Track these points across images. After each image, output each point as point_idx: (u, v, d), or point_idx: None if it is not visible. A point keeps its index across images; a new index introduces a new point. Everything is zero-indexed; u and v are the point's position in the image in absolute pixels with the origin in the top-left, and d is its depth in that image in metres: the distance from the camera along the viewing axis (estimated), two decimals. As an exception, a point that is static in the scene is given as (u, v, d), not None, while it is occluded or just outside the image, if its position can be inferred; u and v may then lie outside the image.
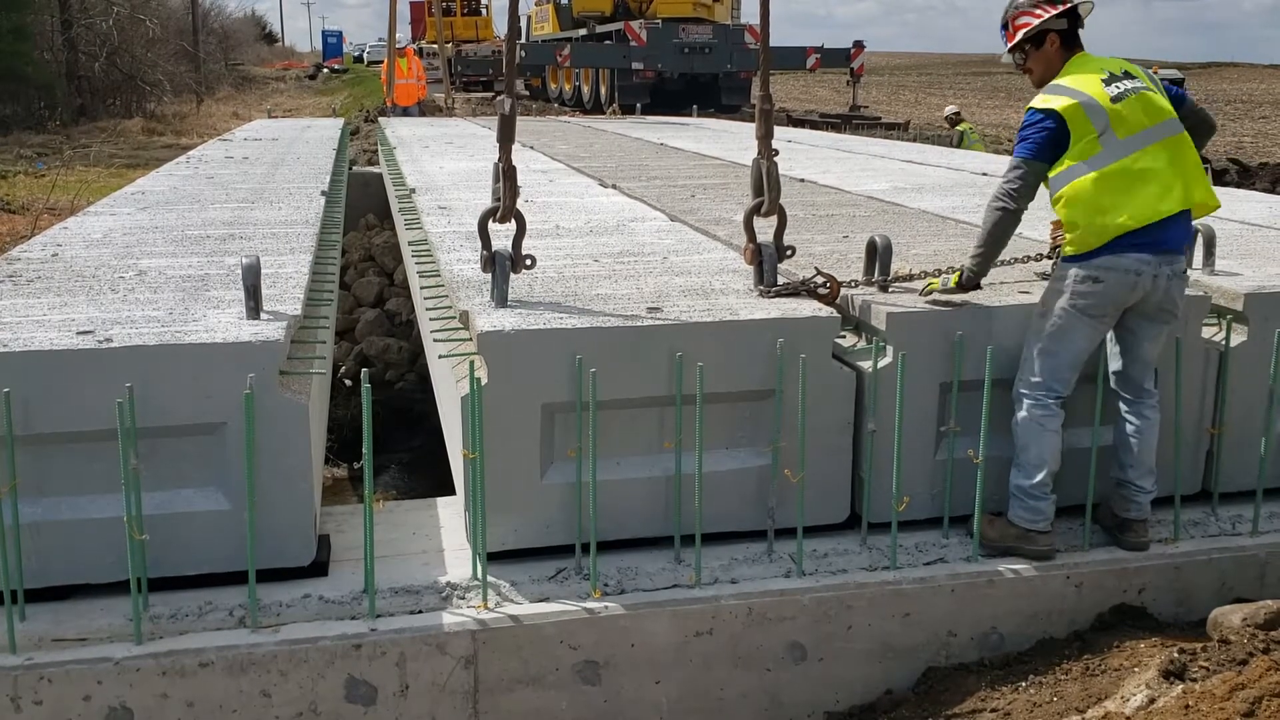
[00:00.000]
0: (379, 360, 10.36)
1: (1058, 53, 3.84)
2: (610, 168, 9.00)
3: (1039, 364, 3.77)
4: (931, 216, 6.20)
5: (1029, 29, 3.83)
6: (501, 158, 3.90)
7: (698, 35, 26.27)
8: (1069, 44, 3.85)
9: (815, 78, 39.71)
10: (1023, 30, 3.84)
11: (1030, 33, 3.83)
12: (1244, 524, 4.17)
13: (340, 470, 9.00)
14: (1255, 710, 2.91)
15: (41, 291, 4.16)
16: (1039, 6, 3.82)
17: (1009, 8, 3.93)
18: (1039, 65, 3.87)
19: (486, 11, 44.20)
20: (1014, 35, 3.88)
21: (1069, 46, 3.85)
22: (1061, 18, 3.81)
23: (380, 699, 3.44)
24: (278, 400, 3.44)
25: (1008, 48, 3.92)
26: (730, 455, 3.82)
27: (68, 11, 32.11)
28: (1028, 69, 3.91)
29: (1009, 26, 3.91)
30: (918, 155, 10.58)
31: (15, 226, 12.80)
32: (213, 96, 43.46)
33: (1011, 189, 3.76)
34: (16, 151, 22.45)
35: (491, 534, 3.62)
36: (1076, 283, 3.70)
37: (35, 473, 3.35)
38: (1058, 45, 3.84)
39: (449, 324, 4.24)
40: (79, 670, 3.25)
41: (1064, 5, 3.81)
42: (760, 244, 4.13)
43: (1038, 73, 3.88)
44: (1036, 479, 3.79)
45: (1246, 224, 5.78)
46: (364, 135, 19.75)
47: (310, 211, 6.25)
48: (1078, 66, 3.80)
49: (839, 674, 3.76)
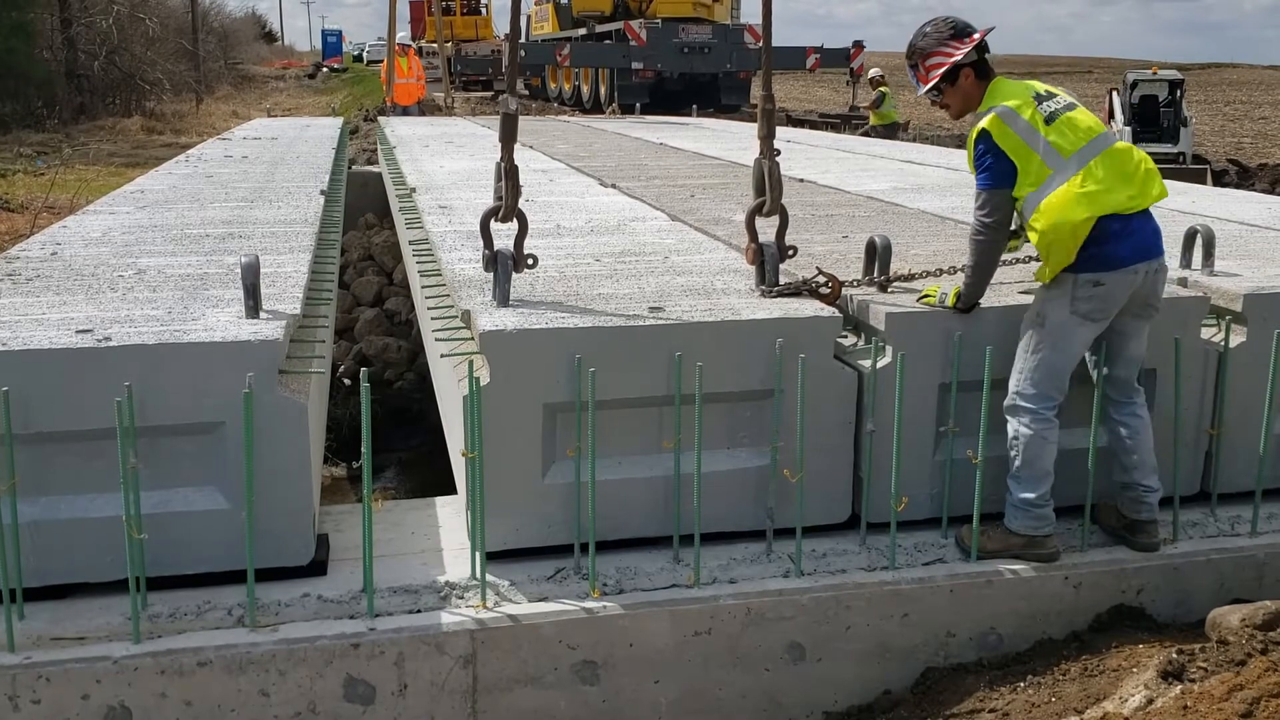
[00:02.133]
0: (378, 359, 10.35)
1: (974, 85, 3.83)
2: (610, 167, 9.00)
3: (1039, 374, 3.75)
4: (931, 216, 6.20)
5: (944, 68, 3.81)
6: (504, 157, 3.90)
7: (697, 35, 26.26)
8: (982, 74, 3.84)
9: (815, 78, 39.69)
10: (938, 70, 3.82)
11: (944, 72, 3.81)
12: (1243, 525, 4.17)
13: (339, 469, 9.00)
14: (1254, 711, 2.91)
15: (40, 290, 4.16)
16: (947, 45, 3.81)
17: (912, 49, 3.90)
18: (956, 100, 3.87)
19: (486, 11, 44.21)
20: (928, 77, 3.85)
21: (982, 76, 3.84)
22: (973, 50, 3.80)
23: (379, 698, 3.44)
24: (277, 399, 3.44)
25: (923, 89, 3.89)
26: (731, 455, 3.82)
27: (67, 10, 32.09)
28: (944, 104, 3.91)
29: (919, 67, 3.88)
30: (917, 155, 10.58)
31: (14, 225, 12.80)
32: (212, 95, 43.43)
33: (985, 220, 3.77)
34: (16, 150, 22.44)
35: (493, 533, 3.62)
36: (1079, 288, 3.69)
37: (34, 472, 3.34)
38: (973, 78, 3.83)
39: (450, 323, 4.24)
40: (77, 669, 3.25)
41: (973, 40, 3.79)
42: (762, 244, 4.13)
43: (955, 107, 3.89)
44: (1040, 491, 3.79)
45: (1246, 225, 5.77)
46: (363, 134, 19.75)
47: (309, 211, 6.25)
48: (1002, 91, 3.78)
49: (837, 674, 3.76)
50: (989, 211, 3.76)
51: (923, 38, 3.87)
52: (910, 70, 3.95)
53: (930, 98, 3.93)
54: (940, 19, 3.90)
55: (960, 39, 3.81)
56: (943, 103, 3.92)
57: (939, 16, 3.93)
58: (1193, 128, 19.93)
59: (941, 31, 3.84)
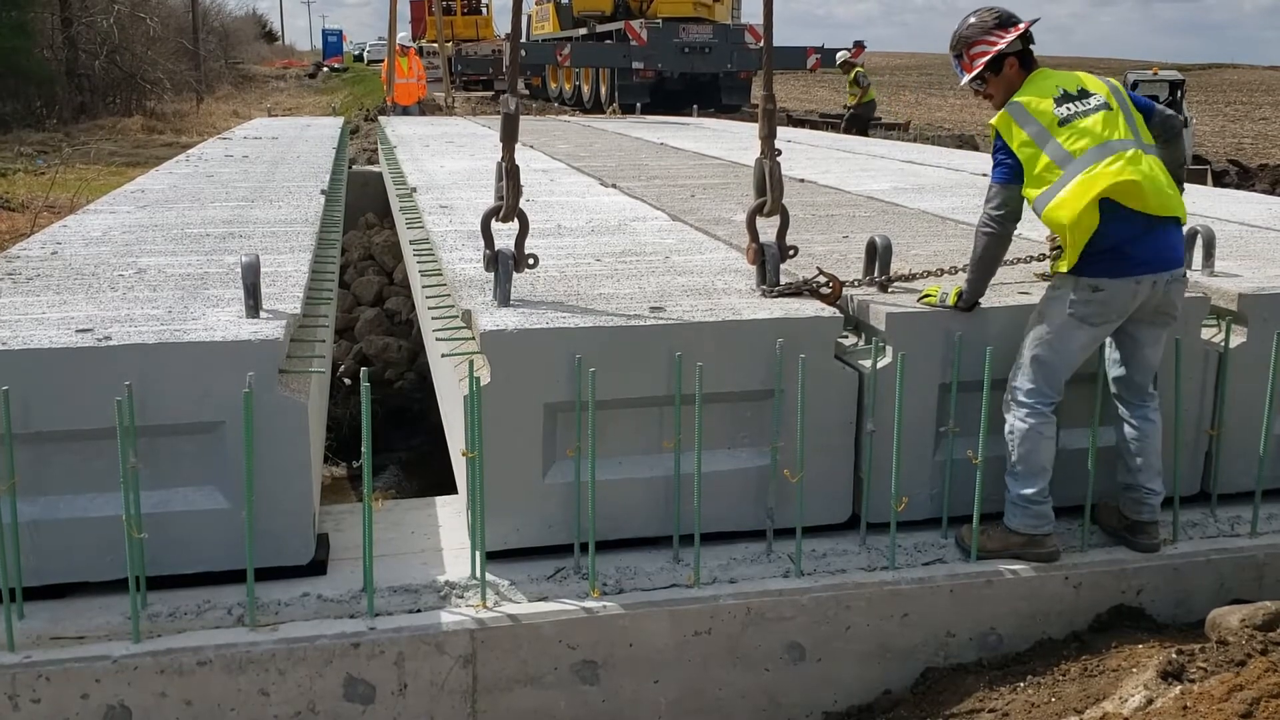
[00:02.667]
0: (378, 359, 10.36)
1: (1017, 74, 3.83)
2: (610, 167, 8.99)
3: (1035, 371, 3.75)
4: (931, 217, 6.20)
5: (988, 56, 3.81)
6: (505, 157, 3.90)
7: (698, 35, 26.24)
8: (1026, 64, 3.84)
9: (815, 78, 39.67)
10: (982, 59, 3.82)
11: (989, 60, 3.81)
12: (1243, 525, 4.17)
13: (339, 469, 9.00)
14: (1253, 711, 2.91)
15: (41, 289, 4.16)
16: (992, 33, 3.81)
17: (957, 38, 3.90)
18: (999, 89, 3.86)
19: (486, 10, 44.19)
20: (971, 65, 3.85)
21: (1026, 66, 3.84)
22: (1017, 40, 3.80)
23: (379, 698, 3.44)
24: (277, 399, 3.44)
25: (966, 78, 3.89)
26: (732, 455, 3.82)
27: (68, 9, 32.09)
28: (988, 94, 3.91)
29: (963, 56, 3.88)
30: (917, 155, 10.58)
31: (15, 224, 12.80)
32: (212, 95, 43.43)
33: (995, 214, 3.78)
34: (16, 149, 22.42)
35: (493, 533, 3.63)
36: (1078, 290, 3.69)
37: (34, 471, 3.34)
38: (1016, 67, 3.83)
39: (451, 323, 4.24)
40: (77, 668, 3.24)
41: (1017, 29, 3.79)
42: (763, 244, 4.13)
43: (999, 96, 3.87)
44: (1038, 486, 3.79)
45: (1246, 225, 5.77)
46: (364, 134, 19.75)
47: (310, 210, 6.25)
48: (1034, 85, 3.78)
49: (837, 674, 3.76)
50: (998, 205, 3.76)
51: (967, 27, 3.87)
52: (954, 60, 3.93)
53: (974, 87, 3.91)
54: (985, 9, 3.88)
55: (1005, 28, 3.80)
56: (986, 92, 3.90)
57: (984, 6, 3.90)
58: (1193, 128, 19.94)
59: (986, 21, 3.83)
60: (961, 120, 29.68)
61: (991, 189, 3.79)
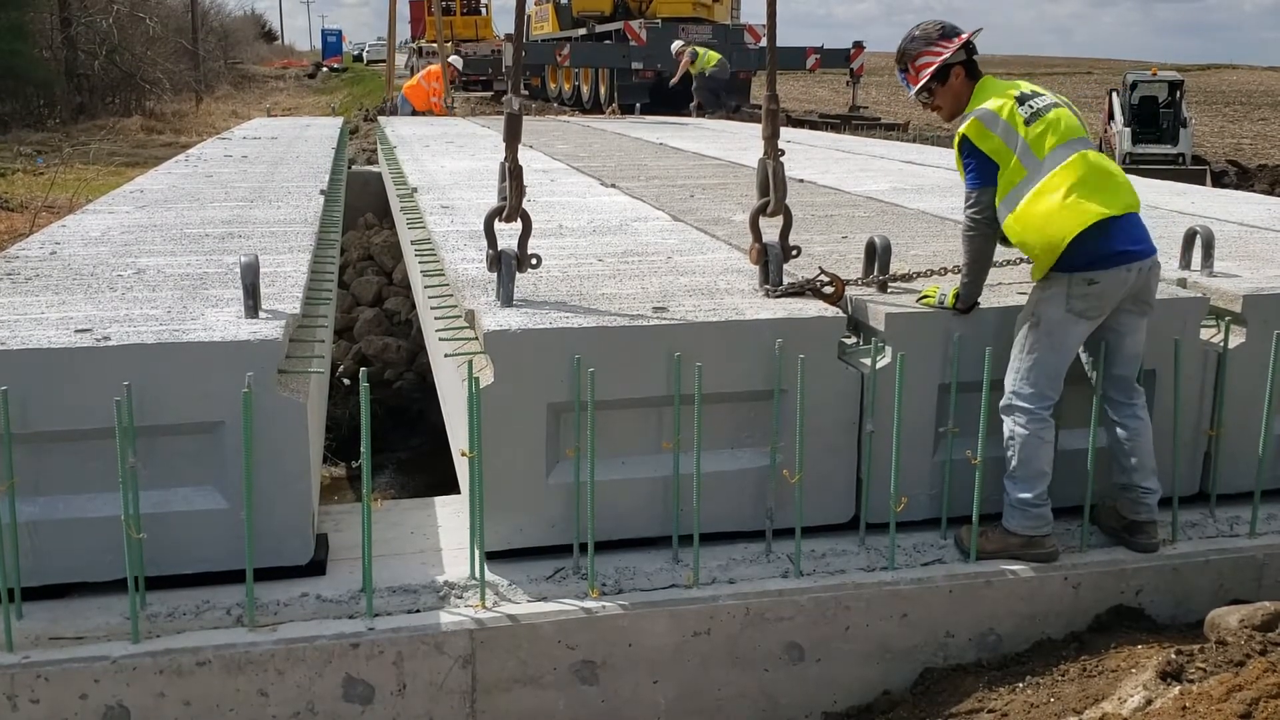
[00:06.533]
0: (377, 359, 10.36)
1: (964, 84, 3.87)
2: (610, 167, 9.00)
3: (1035, 374, 3.76)
4: (930, 217, 6.20)
5: (934, 66, 3.84)
6: (508, 156, 3.90)
7: (697, 35, 26.17)
8: (971, 73, 3.88)
9: (815, 78, 39.67)
10: (927, 70, 3.86)
11: (935, 70, 3.84)
12: (1242, 525, 4.17)
13: (338, 469, 9.00)
14: (1252, 712, 2.91)
15: (40, 289, 4.16)
16: (936, 44, 3.86)
17: (901, 52, 3.95)
18: (947, 100, 3.91)
19: (486, 11, 44.20)
20: (917, 77, 3.89)
21: (972, 76, 3.88)
22: (961, 49, 3.84)
23: (378, 698, 3.44)
24: (276, 399, 3.44)
25: (913, 90, 3.93)
26: (735, 455, 3.82)
27: (67, 9, 32.07)
28: (935, 106, 3.95)
29: (909, 69, 3.92)
30: (917, 156, 10.59)
31: (14, 224, 12.80)
32: (212, 95, 43.43)
33: (975, 217, 3.82)
34: (15, 149, 22.42)
35: (496, 533, 3.63)
36: (1074, 286, 3.70)
37: (33, 471, 3.34)
38: (962, 77, 3.87)
39: (454, 323, 4.23)
40: (76, 669, 3.24)
41: (960, 38, 3.84)
42: (766, 244, 4.13)
43: (947, 108, 3.92)
44: (1038, 490, 3.79)
45: (1245, 226, 5.78)
46: (363, 134, 19.75)
47: (309, 210, 6.24)
48: (988, 91, 3.83)
49: (836, 675, 3.76)
50: (979, 209, 3.80)
51: (911, 40, 3.93)
52: (900, 75, 3.99)
53: (921, 99, 3.96)
54: (928, 22, 3.99)
55: (948, 39, 3.86)
56: (934, 104, 3.95)
57: (926, 20, 4.00)
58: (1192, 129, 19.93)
59: (929, 33, 3.90)
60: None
61: (969, 194, 3.83)
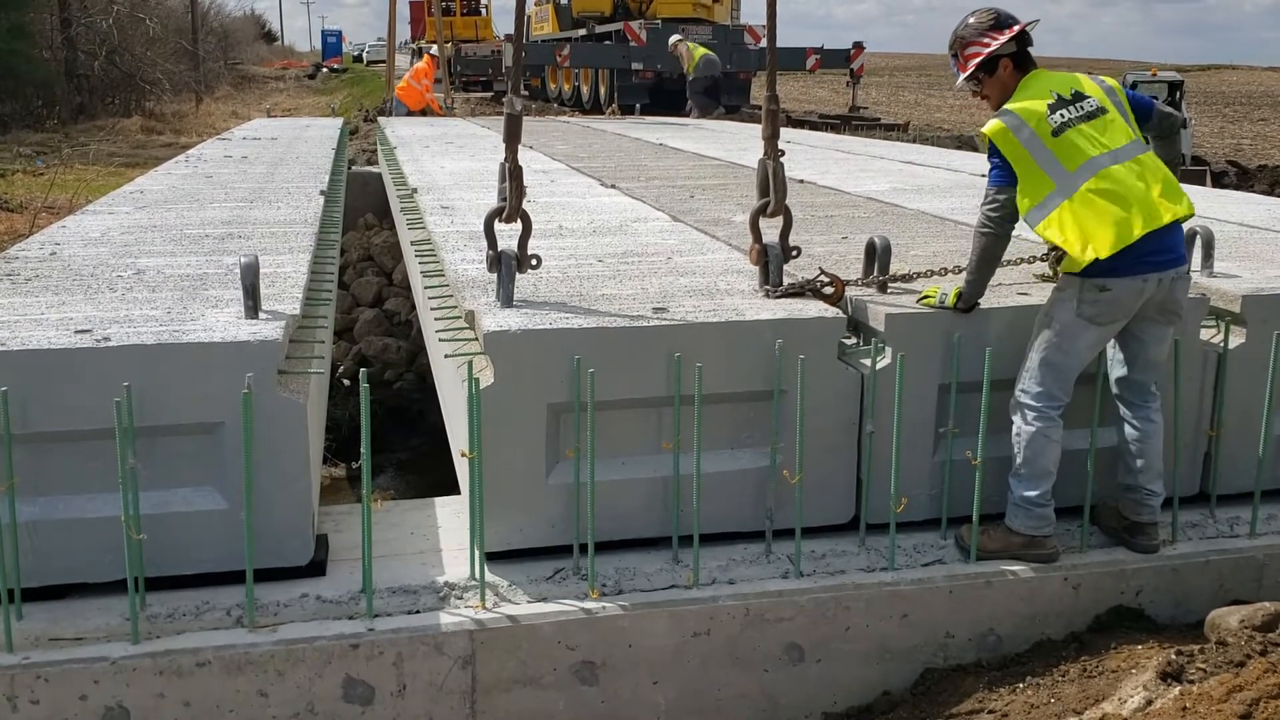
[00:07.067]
0: (377, 360, 10.36)
1: (1011, 75, 3.84)
2: (610, 168, 9.00)
3: (1044, 373, 3.75)
4: (930, 218, 6.20)
5: (981, 57, 3.82)
6: (508, 157, 3.90)
7: (697, 36, 26.19)
8: (1021, 65, 3.85)
9: (815, 78, 39.67)
10: (974, 60, 3.83)
11: (982, 60, 3.82)
12: (1242, 526, 4.17)
13: (338, 470, 9.01)
14: (1252, 712, 2.91)
15: (39, 290, 4.16)
16: (987, 34, 3.82)
17: (954, 38, 3.92)
18: (994, 90, 3.87)
19: (486, 11, 44.17)
20: (966, 65, 3.87)
21: (1021, 68, 3.85)
22: (1012, 41, 3.81)
23: (378, 699, 3.44)
24: (276, 400, 3.44)
25: (961, 77, 3.91)
26: (734, 456, 3.82)
27: (67, 10, 32.06)
28: (984, 95, 3.92)
29: (959, 56, 3.90)
30: (917, 156, 10.58)
31: (13, 225, 12.80)
32: (212, 95, 43.41)
33: (992, 215, 3.79)
34: (15, 150, 22.42)
35: (496, 534, 3.62)
36: (1084, 291, 3.69)
37: (32, 472, 3.34)
38: (1010, 69, 3.84)
39: (454, 324, 4.23)
40: (75, 670, 3.24)
41: (1012, 30, 3.80)
42: (766, 244, 4.13)
43: (994, 98, 3.88)
44: (1042, 489, 3.79)
45: (1245, 226, 5.78)
46: (363, 135, 19.74)
47: (309, 211, 6.24)
48: (1028, 89, 3.79)
49: (836, 675, 3.76)
50: (996, 208, 3.78)
51: (964, 27, 3.88)
52: (952, 60, 3.95)
53: (970, 88, 3.93)
54: (984, 9, 3.89)
55: (1000, 29, 3.81)
56: (982, 93, 3.91)
57: (983, 7, 3.91)
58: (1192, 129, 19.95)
59: (983, 22, 3.84)
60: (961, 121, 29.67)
61: (988, 191, 3.80)
